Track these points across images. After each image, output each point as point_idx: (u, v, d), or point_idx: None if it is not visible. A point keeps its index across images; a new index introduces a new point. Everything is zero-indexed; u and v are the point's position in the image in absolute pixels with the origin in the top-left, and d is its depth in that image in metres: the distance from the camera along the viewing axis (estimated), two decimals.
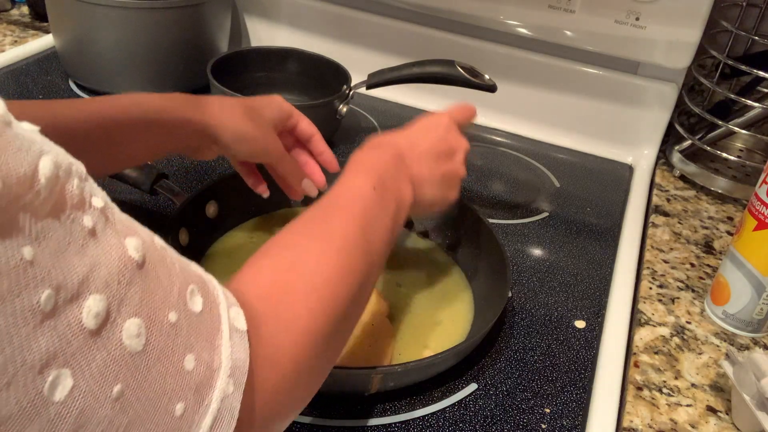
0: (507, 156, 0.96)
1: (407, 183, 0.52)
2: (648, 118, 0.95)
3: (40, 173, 0.22)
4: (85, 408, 0.24)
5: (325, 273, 0.38)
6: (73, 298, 0.23)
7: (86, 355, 0.24)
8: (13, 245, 0.21)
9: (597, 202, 0.87)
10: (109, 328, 0.24)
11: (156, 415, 0.26)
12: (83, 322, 0.23)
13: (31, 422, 0.22)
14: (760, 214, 0.60)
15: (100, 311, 0.24)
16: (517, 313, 0.67)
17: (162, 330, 0.27)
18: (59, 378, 0.23)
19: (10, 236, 0.21)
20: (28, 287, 0.22)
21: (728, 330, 0.65)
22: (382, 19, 1.03)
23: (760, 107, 0.83)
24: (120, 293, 0.25)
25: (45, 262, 0.22)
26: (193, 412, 0.28)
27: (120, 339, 0.25)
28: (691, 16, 0.84)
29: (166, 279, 0.28)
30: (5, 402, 0.21)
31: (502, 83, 0.84)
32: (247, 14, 1.13)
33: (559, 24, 0.91)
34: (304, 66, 0.97)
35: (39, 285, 0.22)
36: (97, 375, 0.24)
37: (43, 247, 0.22)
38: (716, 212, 0.84)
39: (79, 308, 0.23)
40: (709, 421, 0.55)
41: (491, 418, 0.55)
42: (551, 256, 0.76)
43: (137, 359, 0.25)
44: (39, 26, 1.10)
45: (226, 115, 0.60)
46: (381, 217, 0.46)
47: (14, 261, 0.21)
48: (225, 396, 0.29)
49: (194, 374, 0.28)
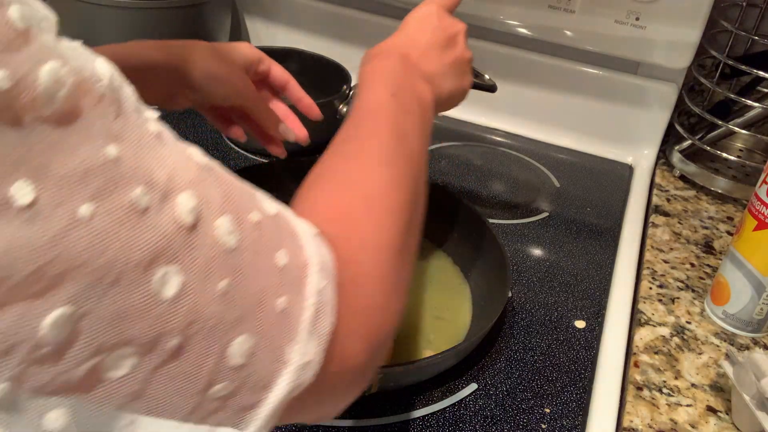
0: (507, 156, 0.96)
1: (422, 81, 0.50)
2: (648, 118, 0.95)
3: (100, 73, 0.23)
4: (195, 303, 0.24)
5: (378, 186, 0.37)
6: (165, 194, 0.23)
7: (190, 251, 0.24)
8: (97, 143, 0.21)
9: (597, 202, 0.87)
10: (204, 224, 0.24)
11: (261, 310, 0.26)
12: (181, 218, 0.23)
13: (143, 319, 0.22)
14: (760, 214, 0.60)
15: (194, 207, 0.24)
16: (517, 313, 0.67)
17: (249, 227, 0.27)
18: (168, 275, 0.23)
19: (92, 134, 0.21)
20: (120, 184, 0.22)
21: (728, 330, 0.65)
22: (382, 19, 1.03)
23: (760, 107, 0.83)
24: (204, 192, 0.25)
25: (130, 159, 0.22)
26: (294, 305, 0.28)
27: (215, 235, 0.25)
28: (691, 16, 0.84)
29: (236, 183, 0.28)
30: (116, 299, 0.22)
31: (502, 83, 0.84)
32: (247, 14, 1.13)
33: (559, 24, 0.91)
34: (304, 66, 0.97)
35: (130, 182, 0.22)
36: (202, 271, 0.24)
37: (125, 146, 0.22)
38: (716, 212, 0.84)
39: (172, 205, 0.23)
40: (709, 421, 0.55)
41: (491, 418, 0.55)
42: (551, 256, 0.76)
43: (235, 255, 0.25)
44: None
45: (194, 56, 0.59)
46: (409, 121, 0.44)
47: (102, 159, 0.21)
48: (319, 289, 0.29)
49: (287, 270, 0.28)
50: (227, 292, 0.25)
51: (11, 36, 0.20)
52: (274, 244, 0.28)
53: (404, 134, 0.42)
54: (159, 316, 0.23)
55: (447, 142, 0.97)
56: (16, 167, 0.19)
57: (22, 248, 0.19)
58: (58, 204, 0.20)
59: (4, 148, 0.19)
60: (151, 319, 0.23)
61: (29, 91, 0.20)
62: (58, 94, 0.21)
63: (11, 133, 0.19)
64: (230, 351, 0.25)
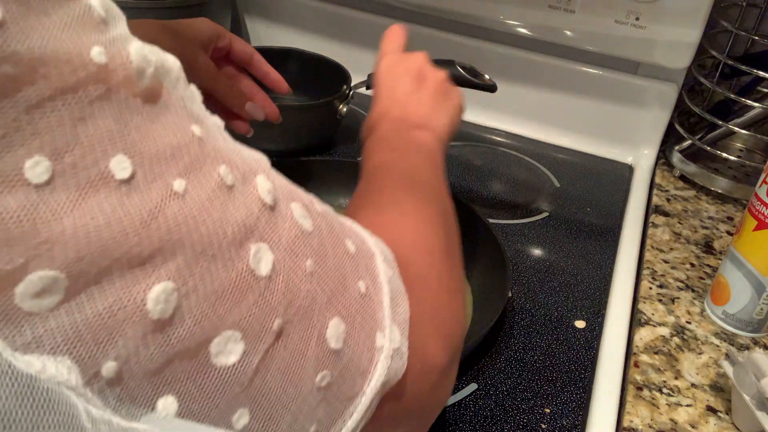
0: (507, 156, 0.96)
1: (417, 130, 0.49)
2: (648, 118, 0.95)
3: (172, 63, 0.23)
4: (289, 282, 0.24)
5: (404, 208, 0.38)
6: (245, 175, 0.24)
7: (276, 229, 0.24)
8: (184, 122, 0.22)
9: (597, 202, 0.87)
10: (283, 206, 0.25)
11: (346, 292, 0.26)
12: (262, 198, 0.24)
13: (245, 297, 0.22)
14: (760, 214, 0.60)
15: (270, 189, 0.24)
16: (517, 313, 0.67)
17: (318, 216, 0.27)
18: (260, 252, 0.23)
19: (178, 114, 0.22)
20: (207, 161, 0.22)
21: (728, 330, 0.65)
22: (382, 19, 1.03)
23: (760, 107, 0.83)
24: (272, 177, 0.25)
25: (210, 141, 0.23)
26: (373, 288, 0.28)
27: (293, 217, 0.25)
28: (691, 16, 0.84)
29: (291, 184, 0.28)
30: (216, 276, 0.22)
31: (502, 83, 0.84)
32: (247, 14, 1.13)
33: (559, 24, 0.91)
34: (304, 66, 0.97)
35: (215, 160, 0.23)
36: (289, 249, 0.24)
37: (204, 129, 0.23)
38: (716, 212, 0.84)
39: (253, 185, 0.24)
40: (709, 421, 0.55)
41: (491, 418, 0.55)
42: (551, 256, 0.76)
43: (313, 238, 0.26)
44: None
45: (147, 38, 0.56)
46: (415, 163, 0.44)
47: (188, 137, 0.22)
48: (389, 278, 0.29)
49: (358, 257, 0.28)
50: (314, 272, 0.25)
51: (97, 20, 0.21)
52: (341, 232, 0.28)
53: (414, 174, 0.43)
54: (260, 294, 0.23)
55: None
56: (114, 142, 0.20)
57: (121, 221, 0.20)
58: (154, 178, 0.21)
59: (103, 123, 0.20)
60: (252, 297, 0.22)
61: (123, 68, 0.21)
62: (147, 71, 0.21)
63: (109, 109, 0.20)
64: (328, 334, 0.25)
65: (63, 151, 0.19)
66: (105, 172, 0.20)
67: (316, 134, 0.89)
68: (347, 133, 0.94)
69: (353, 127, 0.96)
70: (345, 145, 0.92)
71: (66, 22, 0.20)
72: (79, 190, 0.19)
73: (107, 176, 0.20)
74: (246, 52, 0.65)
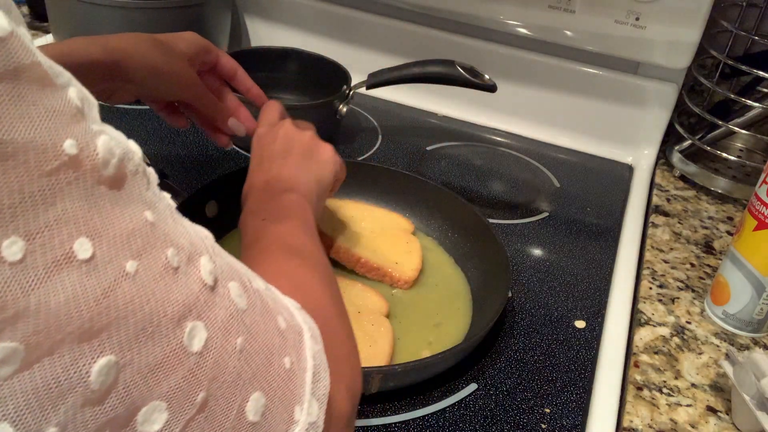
0: (507, 156, 0.96)
1: (284, 194, 0.52)
2: (648, 118, 0.95)
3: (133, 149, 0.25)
4: (218, 358, 0.26)
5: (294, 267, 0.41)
6: (190, 257, 0.26)
7: (212, 309, 0.26)
8: (138, 208, 0.24)
9: (597, 202, 0.87)
10: (221, 286, 0.27)
11: (271, 368, 0.28)
12: (204, 279, 0.26)
13: (175, 371, 0.24)
14: (760, 214, 0.60)
15: (212, 270, 0.26)
16: (517, 313, 0.67)
17: (254, 293, 0.29)
18: (195, 330, 0.25)
19: (134, 200, 0.24)
20: (156, 245, 0.24)
21: (728, 330, 0.65)
22: (382, 19, 1.03)
23: (760, 107, 0.83)
24: (216, 258, 0.27)
25: (161, 225, 0.25)
26: (297, 364, 0.30)
27: (230, 296, 0.27)
28: (691, 16, 0.84)
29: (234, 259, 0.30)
30: (153, 350, 0.23)
31: (502, 83, 0.84)
32: (247, 14, 1.13)
33: (559, 24, 0.91)
34: (304, 66, 0.97)
35: (163, 244, 0.25)
36: (223, 328, 0.26)
37: (156, 213, 0.25)
38: (716, 212, 0.84)
39: (197, 266, 0.26)
40: (709, 421, 0.55)
41: (491, 418, 0.55)
42: (551, 256, 0.76)
43: (246, 316, 0.28)
44: (39, 26, 1.10)
45: (133, 50, 0.57)
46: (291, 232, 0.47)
47: (141, 222, 0.24)
48: (314, 353, 0.31)
49: (288, 333, 0.30)
50: (243, 349, 0.27)
51: (72, 112, 0.23)
52: (275, 310, 0.30)
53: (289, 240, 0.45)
54: (189, 369, 0.24)
55: (447, 142, 0.97)
56: (79, 226, 0.22)
57: (78, 299, 0.21)
58: (110, 260, 0.23)
59: (71, 207, 0.22)
60: (182, 371, 0.24)
61: (90, 159, 0.23)
62: (111, 162, 0.23)
63: (77, 195, 0.22)
64: (248, 407, 0.27)
65: (35, 232, 0.21)
66: (69, 252, 0.21)
67: None
68: (347, 133, 0.94)
69: (353, 127, 0.96)
70: (345, 145, 0.92)
71: (49, 112, 0.22)
72: (46, 268, 0.21)
73: (71, 256, 0.21)
74: (231, 67, 0.66)
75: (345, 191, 0.77)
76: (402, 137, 0.96)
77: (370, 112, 1.01)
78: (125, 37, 0.58)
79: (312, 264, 0.43)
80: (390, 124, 0.99)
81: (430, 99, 1.03)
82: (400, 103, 1.04)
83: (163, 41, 0.59)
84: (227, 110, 0.65)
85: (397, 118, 1.01)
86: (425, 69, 0.84)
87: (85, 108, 0.24)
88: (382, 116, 1.00)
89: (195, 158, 0.85)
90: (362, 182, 0.77)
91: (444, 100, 1.02)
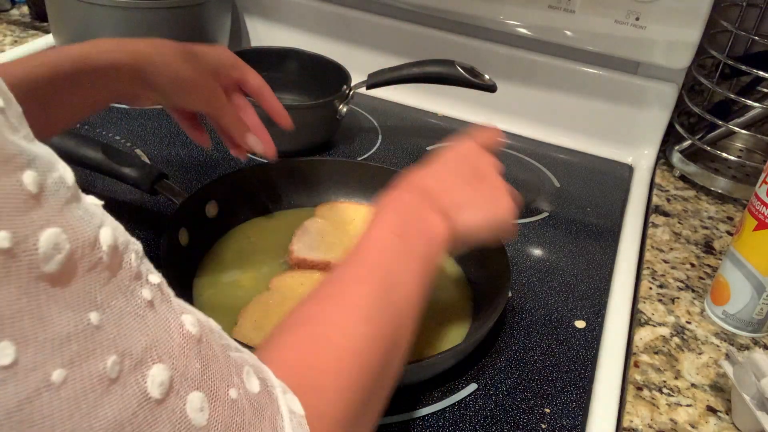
0: (507, 156, 0.96)
1: (436, 215, 0.48)
2: (648, 118, 0.95)
3: (101, 240, 0.23)
4: None
5: (352, 344, 0.36)
6: (137, 365, 0.23)
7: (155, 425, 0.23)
8: (82, 309, 0.22)
9: (597, 202, 0.87)
10: (174, 399, 0.24)
11: None
12: (148, 391, 0.23)
13: None
14: (760, 214, 0.60)
15: (165, 381, 0.24)
16: (517, 313, 0.67)
17: (224, 406, 0.26)
18: None
19: (79, 300, 0.22)
20: (96, 352, 0.22)
21: (728, 330, 0.65)
22: (382, 19, 1.03)
23: (760, 107, 0.83)
24: (182, 365, 0.25)
25: (110, 328, 0.22)
26: None
27: (184, 411, 0.24)
28: (691, 16, 0.84)
29: (222, 357, 0.27)
30: None
31: (502, 83, 0.84)
32: (247, 14, 1.13)
33: (559, 24, 0.91)
34: (304, 66, 0.97)
35: (105, 351, 0.22)
36: None
37: (108, 314, 0.23)
38: (716, 212, 0.84)
39: (143, 377, 0.23)
40: (709, 421, 0.55)
41: (491, 418, 0.55)
42: (551, 256, 0.76)
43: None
44: (39, 26, 1.10)
45: (158, 57, 0.56)
46: (408, 264, 0.44)
47: (83, 325, 0.22)
48: None
49: None
50: None
51: (21, 199, 0.20)
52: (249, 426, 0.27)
53: (397, 282, 0.42)
54: None
55: (447, 142, 0.97)
56: (4, 327, 0.20)
57: None
58: (35, 367, 0.20)
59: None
60: None
61: (28, 254, 0.20)
62: (55, 258, 0.21)
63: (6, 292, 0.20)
64: None
65: None
66: None
67: (316, 134, 0.89)
68: (347, 133, 0.94)
69: (353, 127, 0.96)
70: (345, 145, 0.92)
71: None
72: None
73: None
74: (257, 84, 0.66)
75: (344, 191, 0.77)
76: (402, 137, 0.96)
77: (370, 112, 1.01)
78: (153, 43, 0.57)
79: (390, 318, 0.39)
80: (390, 124, 0.99)
81: (430, 99, 1.03)
82: (400, 103, 1.04)
83: (191, 52, 0.59)
84: (247, 127, 0.64)
85: (397, 118, 1.01)
86: (425, 69, 0.84)
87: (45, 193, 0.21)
88: (382, 116, 1.00)
89: (195, 158, 0.84)
90: (362, 182, 0.77)
91: (444, 100, 1.02)
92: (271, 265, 0.67)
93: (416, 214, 0.47)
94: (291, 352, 0.35)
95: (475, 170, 0.53)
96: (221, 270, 0.65)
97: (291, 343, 0.36)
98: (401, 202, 0.48)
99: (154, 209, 0.74)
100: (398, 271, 0.43)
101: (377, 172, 0.77)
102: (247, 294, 0.62)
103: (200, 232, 0.67)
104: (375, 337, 0.38)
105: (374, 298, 0.39)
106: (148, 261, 0.26)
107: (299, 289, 0.63)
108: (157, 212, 0.73)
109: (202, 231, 0.68)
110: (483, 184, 0.53)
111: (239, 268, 0.66)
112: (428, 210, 0.48)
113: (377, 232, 0.45)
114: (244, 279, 0.65)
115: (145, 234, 0.67)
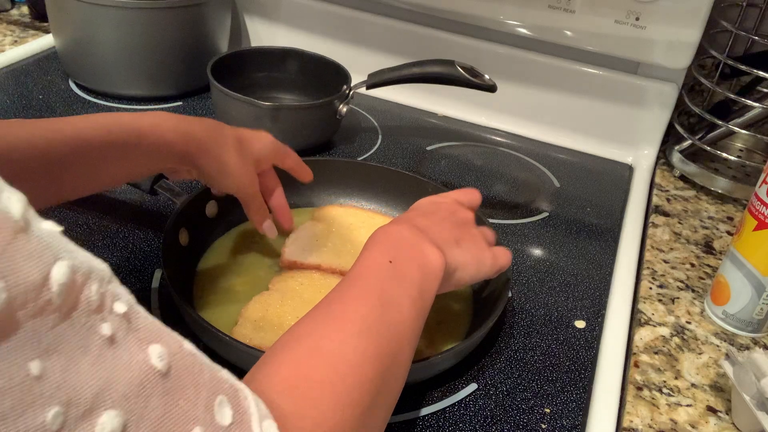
0: (507, 156, 0.96)
1: (430, 246, 0.48)
2: (648, 118, 0.95)
3: (52, 280, 0.21)
4: None
5: (347, 357, 0.36)
6: (85, 414, 0.21)
7: None
8: (18, 360, 0.20)
9: (597, 202, 0.87)
10: None
11: None
12: None
13: None
14: (760, 214, 0.60)
15: (116, 428, 0.22)
16: (517, 313, 0.67)
17: None
18: None
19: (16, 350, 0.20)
20: (34, 405, 0.20)
21: (728, 330, 0.65)
22: (382, 19, 1.03)
23: (760, 107, 0.83)
24: (139, 407, 0.23)
25: (55, 376, 0.21)
26: None
27: None
28: (691, 16, 0.84)
29: (192, 389, 0.25)
30: None
31: (502, 83, 0.84)
32: (247, 14, 1.13)
33: (559, 24, 0.91)
34: (304, 66, 0.97)
35: (46, 402, 0.20)
36: None
37: (53, 360, 0.21)
38: (716, 212, 0.84)
39: (91, 426, 0.21)
40: (709, 421, 0.55)
41: (491, 418, 0.55)
42: (551, 256, 0.76)
43: None
44: (39, 26, 1.10)
45: (210, 144, 0.57)
46: (402, 288, 0.44)
47: (18, 378, 0.20)
48: None
49: None
50: None
51: None
52: None
53: (392, 302, 0.42)
54: None
55: (447, 142, 0.97)
56: None
57: None
58: None
59: None
60: None
61: None
62: None
63: None
64: None
65: None
66: None
67: (316, 134, 0.89)
68: (347, 133, 0.94)
69: (353, 127, 0.96)
70: (345, 145, 0.92)
71: None
72: None
73: None
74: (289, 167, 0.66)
75: (344, 192, 0.77)
76: (402, 137, 0.96)
77: (370, 112, 1.01)
78: (207, 128, 0.57)
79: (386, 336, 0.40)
80: (390, 124, 0.99)
81: (430, 99, 1.03)
82: (400, 103, 1.04)
83: (240, 139, 0.59)
84: (267, 213, 0.65)
85: (397, 118, 1.01)
86: (425, 69, 0.84)
87: None
88: (382, 116, 1.00)
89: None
90: (362, 182, 0.77)
91: (444, 100, 1.02)
92: (271, 266, 0.67)
93: (410, 243, 0.48)
94: (286, 367, 0.35)
95: (459, 219, 0.56)
96: (221, 270, 0.65)
97: (287, 359, 0.36)
98: (394, 233, 0.49)
99: (154, 209, 0.74)
100: (393, 293, 0.43)
101: (377, 172, 0.77)
102: (246, 294, 0.62)
103: (200, 232, 0.67)
104: (371, 352, 0.38)
105: (369, 315, 0.40)
106: (117, 284, 0.24)
107: (299, 289, 0.63)
108: (157, 212, 0.73)
109: (202, 231, 0.68)
110: (466, 230, 0.55)
111: (239, 268, 0.66)
112: (422, 241, 0.49)
113: (371, 257, 0.46)
114: (243, 279, 0.65)
115: (145, 234, 0.68)
